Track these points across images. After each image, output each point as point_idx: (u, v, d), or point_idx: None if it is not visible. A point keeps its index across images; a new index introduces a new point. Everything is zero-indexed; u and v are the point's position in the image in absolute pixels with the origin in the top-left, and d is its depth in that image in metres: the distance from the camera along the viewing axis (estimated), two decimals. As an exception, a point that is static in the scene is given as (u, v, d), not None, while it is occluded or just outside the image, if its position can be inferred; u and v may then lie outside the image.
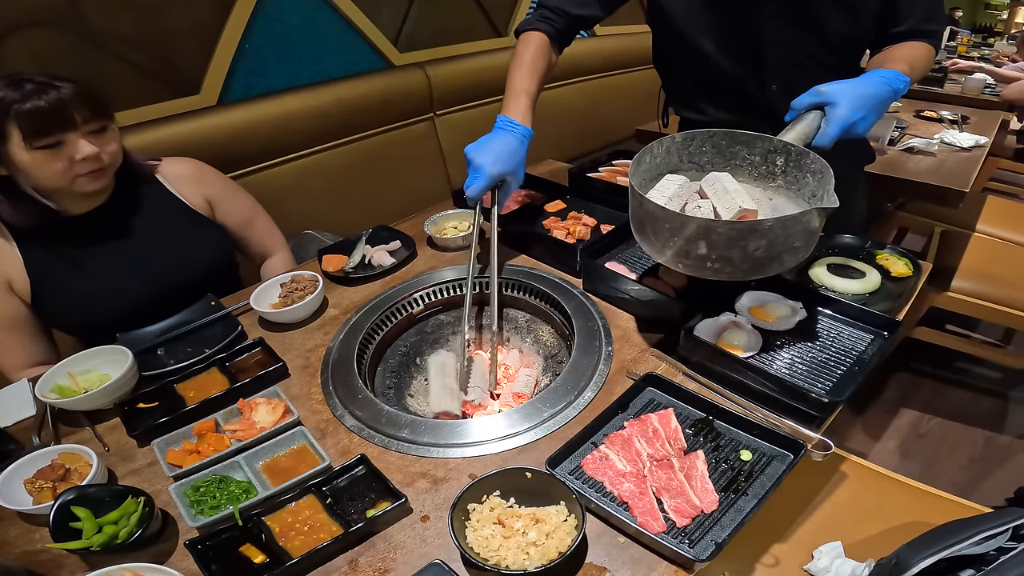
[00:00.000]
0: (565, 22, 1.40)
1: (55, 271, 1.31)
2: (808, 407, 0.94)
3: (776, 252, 0.92)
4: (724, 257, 0.93)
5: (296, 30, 2.10)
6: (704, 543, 0.80)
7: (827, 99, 1.06)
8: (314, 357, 1.21)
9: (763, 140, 1.11)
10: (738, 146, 1.15)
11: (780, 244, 0.92)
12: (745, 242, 0.90)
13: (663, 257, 1.01)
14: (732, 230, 0.90)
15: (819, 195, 1.02)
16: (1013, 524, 0.87)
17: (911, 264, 1.29)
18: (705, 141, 1.15)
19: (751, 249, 0.91)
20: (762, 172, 1.15)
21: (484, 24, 2.77)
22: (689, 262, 0.97)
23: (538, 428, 0.99)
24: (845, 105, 1.04)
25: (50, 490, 0.91)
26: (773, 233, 0.90)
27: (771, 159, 1.12)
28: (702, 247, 0.93)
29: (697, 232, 0.92)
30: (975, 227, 2.55)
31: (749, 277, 0.97)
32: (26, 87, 1.14)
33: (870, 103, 1.06)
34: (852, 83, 1.07)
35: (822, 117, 1.07)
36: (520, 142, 1.28)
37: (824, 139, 1.05)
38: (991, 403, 2.42)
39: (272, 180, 2.04)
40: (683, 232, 0.94)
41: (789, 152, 1.09)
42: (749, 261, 0.93)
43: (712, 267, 0.95)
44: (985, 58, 4.31)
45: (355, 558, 0.82)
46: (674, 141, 1.14)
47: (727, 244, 0.91)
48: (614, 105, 3.22)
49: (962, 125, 2.67)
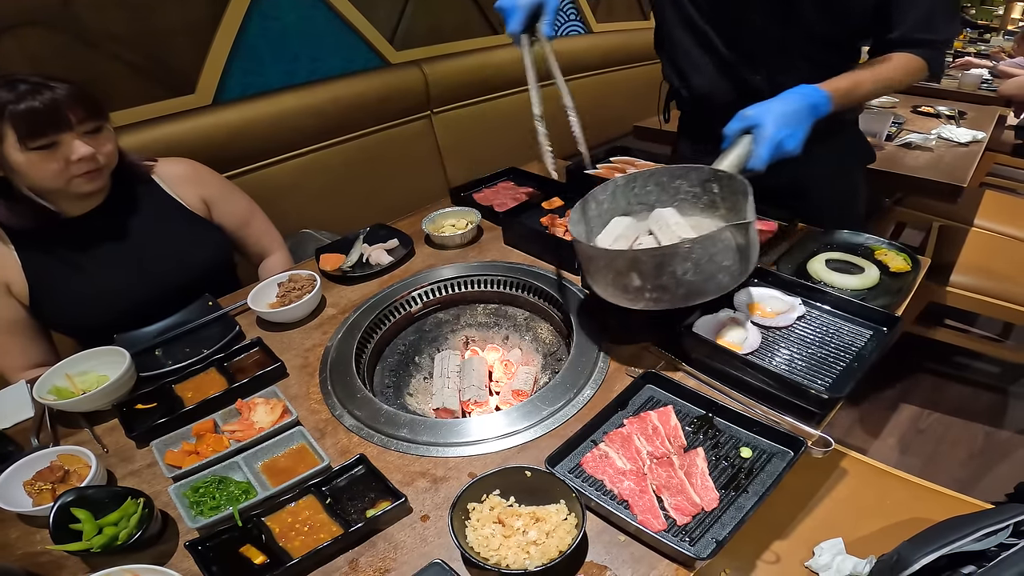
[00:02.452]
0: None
1: (52, 273, 1.30)
2: (808, 403, 0.94)
3: (707, 273, 0.93)
4: (659, 286, 0.94)
5: (292, 28, 2.09)
6: (705, 541, 0.79)
7: (753, 122, 1.09)
8: (312, 357, 1.20)
9: (697, 171, 1.14)
10: (678, 180, 1.17)
11: (708, 264, 0.92)
12: (672, 267, 0.92)
13: (608, 295, 1.02)
14: (655, 256, 0.92)
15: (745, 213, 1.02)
16: (1014, 520, 0.87)
17: (910, 259, 1.29)
18: (648, 180, 1.17)
19: (680, 273, 0.92)
20: (705, 203, 1.16)
21: (480, 21, 2.76)
22: (630, 296, 0.98)
23: (537, 426, 0.99)
24: (770, 125, 1.07)
25: (49, 492, 0.91)
26: (695, 254, 0.91)
27: (708, 188, 1.14)
28: (635, 279, 0.95)
29: (627, 264, 0.95)
30: (973, 222, 2.55)
31: (690, 302, 0.97)
32: (20, 87, 1.13)
33: (794, 120, 1.10)
34: (774, 103, 1.11)
35: (752, 140, 1.10)
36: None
37: (757, 161, 1.08)
38: (990, 398, 2.43)
39: (269, 179, 2.04)
40: (614, 266, 0.97)
41: (720, 179, 1.11)
42: (684, 286, 0.94)
43: (651, 297, 0.96)
44: (983, 54, 4.31)
45: (355, 558, 0.82)
46: (617, 184, 1.16)
47: (656, 272, 0.93)
48: (612, 102, 3.22)
49: (959, 120, 2.67)
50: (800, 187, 1.51)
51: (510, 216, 1.54)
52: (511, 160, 1.95)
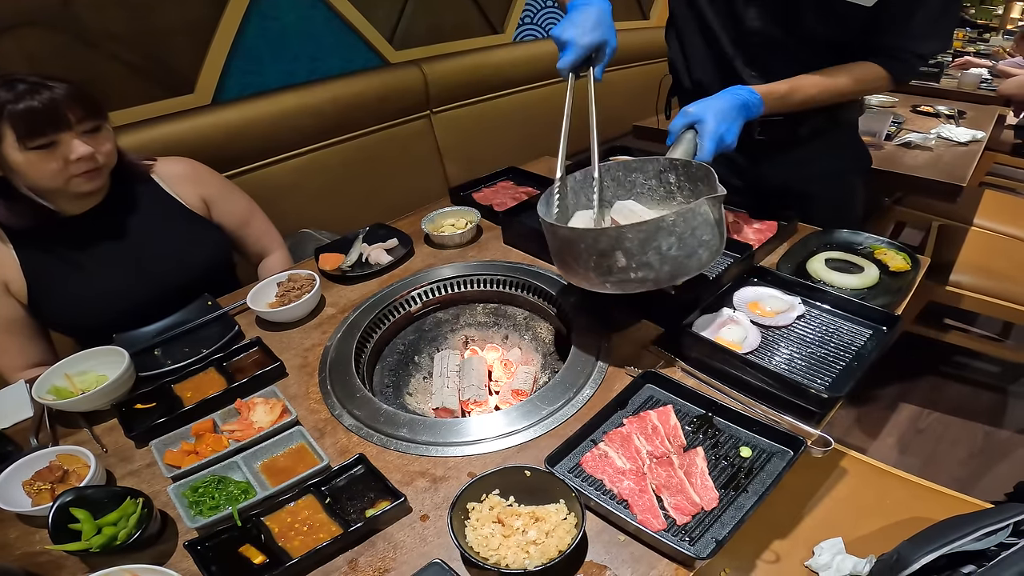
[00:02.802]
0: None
1: (51, 272, 1.30)
2: (808, 403, 0.94)
3: (690, 248, 0.94)
4: (644, 263, 0.93)
5: (291, 28, 2.09)
6: (704, 540, 0.79)
7: (696, 118, 1.16)
8: (312, 356, 1.20)
9: (652, 163, 1.18)
10: (634, 173, 1.20)
11: (690, 238, 0.93)
12: (657, 241, 0.92)
13: (589, 282, 1.01)
14: (640, 231, 0.91)
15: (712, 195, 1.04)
16: (1014, 520, 0.87)
17: (909, 258, 1.29)
18: (603, 175, 1.19)
19: (665, 249, 0.92)
20: (661, 194, 1.19)
21: (480, 21, 2.76)
22: (613, 278, 0.97)
23: (537, 426, 0.99)
24: (711, 120, 1.14)
25: (48, 492, 0.91)
26: (678, 227, 0.92)
27: (664, 178, 1.18)
28: (620, 258, 0.94)
29: (610, 243, 0.93)
30: (972, 221, 2.55)
31: (674, 280, 0.98)
32: (19, 87, 1.13)
33: (730, 115, 1.18)
34: (711, 100, 1.19)
35: (696, 135, 1.16)
36: (600, 8, 1.21)
37: (703, 153, 1.13)
38: (990, 397, 2.43)
39: (268, 179, 2.04)
40: (597, 247, 0.95)
41: (676, 167, 1.15)
42: (668, 262, 0.94)
43: (637, 277, 0.95)
44: (982, 53, 4.31)
45: (355, 558, 0.82)
46: (575, 180, 1.18)
47: (641, 247, 0.92)
48: (611, 101, 3.20)
49: (959, 120, 2.67)
50: (797, 190, 1.52)
51: (510, 215, 1.53)
52: (511, 159, 1.95)
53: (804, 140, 1.46)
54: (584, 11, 1.21)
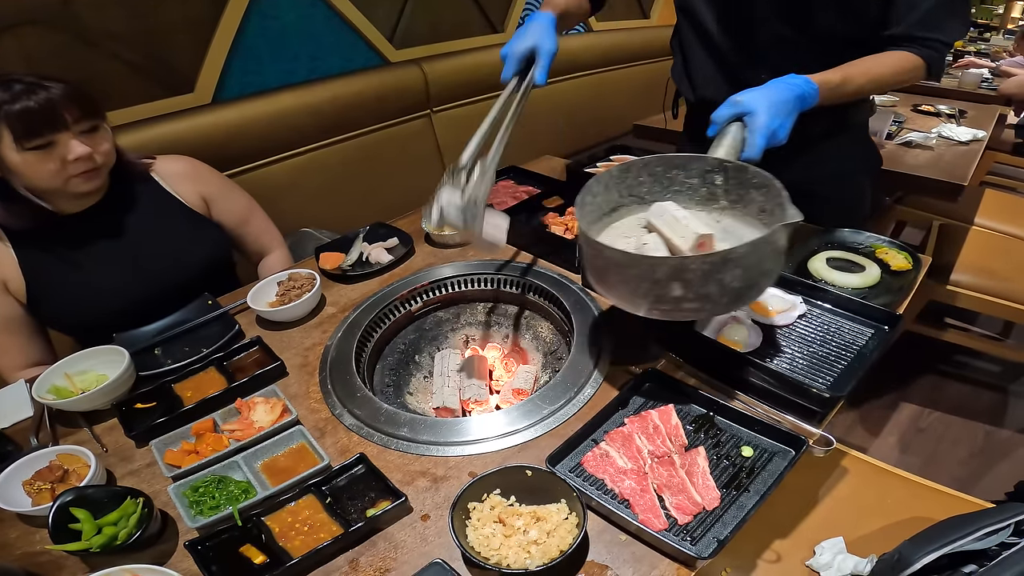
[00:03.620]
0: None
1: (51, 271, 1.30)
2: (809, 402, 0.94)
3: (753, 279, 0.86)
4: (702, 295, 0.85)
5: (291, 27, 2.09)
6: (706, 540, 0.79)
7: (745, 109, 1.05)
8: (312, 356, 1.20)
9: (698, 160, 1.06)
10: (674, 170, 1.08)
11: (755, 269, 0.85)
12: (721, 274, 0.83)
13: (633, 306, 0.92)
14: (706, 264, 0.83)
15: (769, 209, 0.97)
16: (1015, 519, 0.87)
17: (911, 258, 1.28)
18: (641, 171, 1.09)
19: (728, 281, 0.83)
20: (703, 195, 1.08)
21: (480, 20, 2.76)
22: (665, 306, 0.88)
23: (538, 425, 0.99)
24: (764, 113, 1.03)
25: (49, 491, 0.91)
26: (747, 259, 0.83)
27: (710, 179, 1.06)
28: (676, 288, 0.84)
29: (669, 273, 0.84)
30: (973, 221, 2.55)
31: (729, 310, 0.90)
32: (15, 88, 1.13)
33: (784, 109, 1.06)
34: (765, 90, 1.07)
35: (744, 128, 1.05)
36: (540, 21, 1.24)
37: (753, 151, 1.03)
38: (991, 397, 2.42)
39: (268, 178, 2.03)
40: (653, 275, 0.85)
41: (726, 169, 1.03)
42: (728, 294, 0.85)
43: (690, 307, 0.87)
44: (983, 53, 4.31)
45: (355, 558, 0.82)
46: (611, 176, 1.08)
47: (702, 280, 0.83)
48: (612, 100, 3.22)
49: (960, 119, 2.67)
50: (806, 190, 1.51)
51: (510, 215, 1.53)
52: (511, 159, 1.94)
53: (815, 140, 1.44)
54: (524, 27, 1.25)
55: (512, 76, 1.22)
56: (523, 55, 1.22)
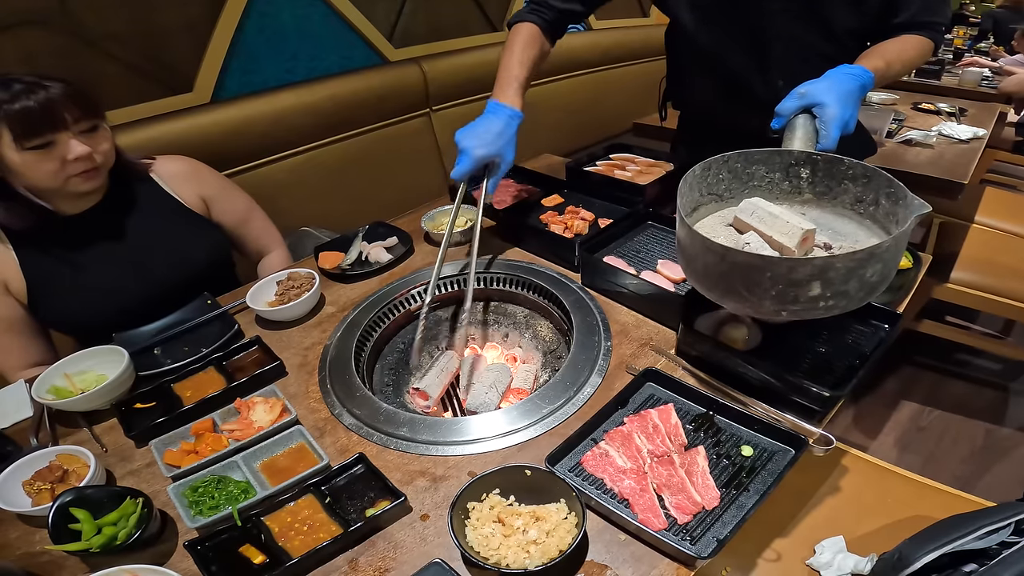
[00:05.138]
0: (553, 14, 1.42)
1: (51, 271, 1.30)
2: (809, 401, 0.94)
3: (889, 272, 0.86)
4: (840, 292, 0.83)
5: (290, 26, 2.08)
6: (706, 540, 0.79)
7: (814, 100, 1.04)
8: (311, 355, 1.20)
9: (781, 155, 1.05)
10: (754, 166, 1.07)
11: (892, 262, 0.85)
12: (864, 270, 0.82)
13: (755, 309, 0.90)
14: (852, 262, 0.81)
15: (868, 199, 0.98)
16: (1016, 519, 0.86)
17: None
18: (720, 168, 1.07)
19: (868, 276, 0.83)
20: (785, 189, 1.07)
21: (479, 18, 2.75)
22: (797, 307, 0.86)
23: (537, 425, 0.99)
24: (834, 104, 1.02)
25: (48, 492, 0.91)
26: (888, 253, 0.82)
27: (793, 172, 1.05)
28: (815, 288, 0.83)
29: (810, 273, 0.82)
30: (973, 218, 2.55)
31: (861, 305, 0.89)
32: (15, 87, 1.13)
33: (852, 99, 1.05)
34: (829, 81, 1.06)
35: (813, 120, 1.05)
36: (506, 123, 1.27)
37: (829, 142, 1.03)
38: (991, 395, 2.42)
39: (268, 177, 2.03)
40: (791, 276, 0.83)
41: (815, 162, 1.02)
42: (866, 289, 0.84)
43: (825, 306, 0.85)
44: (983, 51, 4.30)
45: (355, 558, 0.82)
46: (695, 174, 1.04)
47: (845, 278, 0.82)
48: (611, 99, 3.21)
49: (960, 117, 2.67)
50: None
51: (510, 213, 1.53)
52: (511, 158, 1.94)
53: None
54: (489, 121, 1.27)
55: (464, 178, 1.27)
56: (483, 160, 1.25)
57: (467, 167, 1.24)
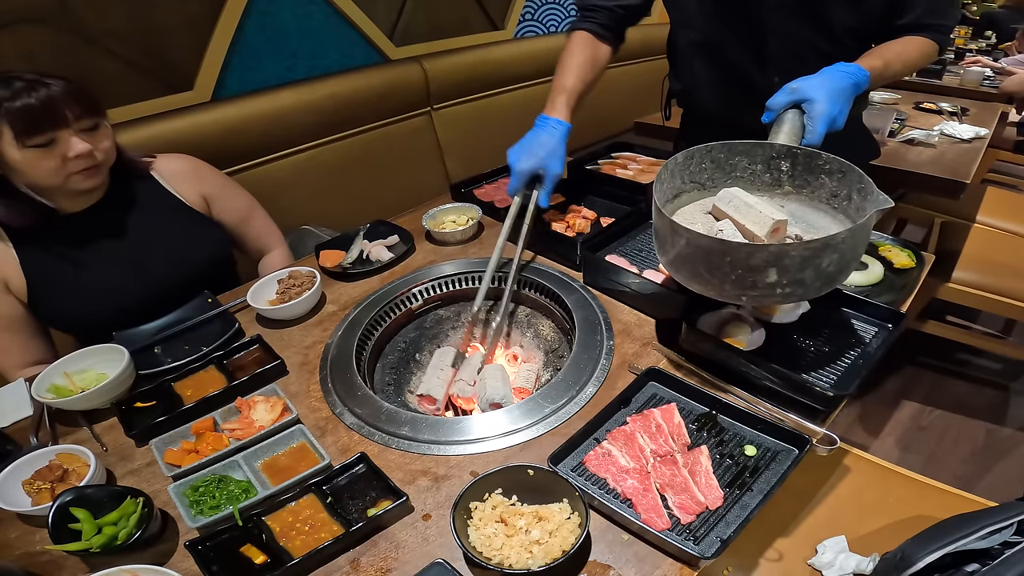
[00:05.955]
0: (604, 16, 1.43)
1: (51, 269, 1.29)
2: (813, 401, 0.94)
3: (846, 263, 0.88)
4: (796, 280, 0.86)
5: (290, 24, 2.08)
6: (709, 540, 0.79)
7: (804, 96, 1.05)
8: (312, 354, 1.20)
9: (763, 147, 1.08)
10: (737, 157, 1.10)
11: (850, 254, 0.88)
12: (819, 260, 0.84)
13: (719, 293, 0.93)
14: (807, 250, 0.83)
15: (843, 194, 1.01)
16: (1018, 518, 0.86)
17: (914, 255, 1.28)
18: (704, 157, 1.10)
19: (824, 266, 0.85)
20: (766, 181, 1.10)
21: (480, 17, 2.75)
22: (755, 293, 0.89)
23: (539, 424, 0.99)
24: (824, 100, 1.04)
25: (48, 491, 0.90)
26: (846, 245, 0.85)
27: (774, 165, 1.08)
28: (771, 274, 0.85)
29: (767, 259, 0.84)
30: (975, 218, 2.55)
31: (818, 294, 0.91)
32: (16, 85, 1.12)
33: (843, 97, 1.07)
34: (821, 78, 1.08)
35: (802, 115, 1.06)
36: (550, 135, 1.31)
37: (814, 137, 1.04)
38: (993, 395, 2.42)
39: (268, 176, 2.03)
40: (749, 262, 0.85)
41: (795, 155, 1.05)
42: (822, 278, 0.87)
43: (782, 293, 0.88)
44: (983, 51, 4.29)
45: (357, 558, 0.81)
46: (676, 162, 1.08)
47: (800, 266, 0.85)
48: (613, 98, 3.20)
49: (962, 117, 2.66)
50: None
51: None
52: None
53: None
54: (534, 135, 1.32)
55: (517, 192, 1.34)
56: (529, 175, 1.30)
57: (514, 182, 1.31)
